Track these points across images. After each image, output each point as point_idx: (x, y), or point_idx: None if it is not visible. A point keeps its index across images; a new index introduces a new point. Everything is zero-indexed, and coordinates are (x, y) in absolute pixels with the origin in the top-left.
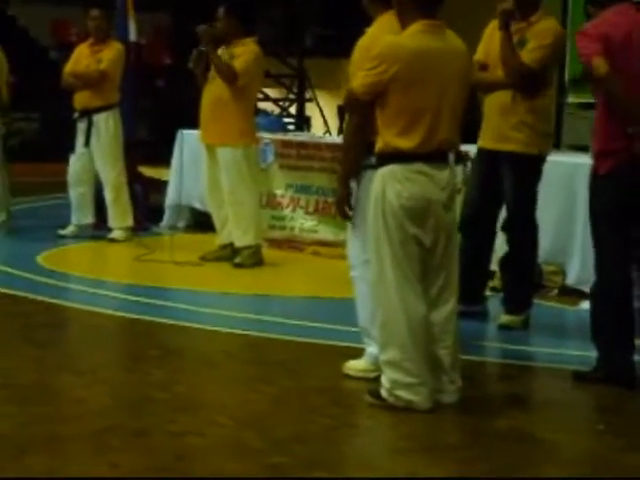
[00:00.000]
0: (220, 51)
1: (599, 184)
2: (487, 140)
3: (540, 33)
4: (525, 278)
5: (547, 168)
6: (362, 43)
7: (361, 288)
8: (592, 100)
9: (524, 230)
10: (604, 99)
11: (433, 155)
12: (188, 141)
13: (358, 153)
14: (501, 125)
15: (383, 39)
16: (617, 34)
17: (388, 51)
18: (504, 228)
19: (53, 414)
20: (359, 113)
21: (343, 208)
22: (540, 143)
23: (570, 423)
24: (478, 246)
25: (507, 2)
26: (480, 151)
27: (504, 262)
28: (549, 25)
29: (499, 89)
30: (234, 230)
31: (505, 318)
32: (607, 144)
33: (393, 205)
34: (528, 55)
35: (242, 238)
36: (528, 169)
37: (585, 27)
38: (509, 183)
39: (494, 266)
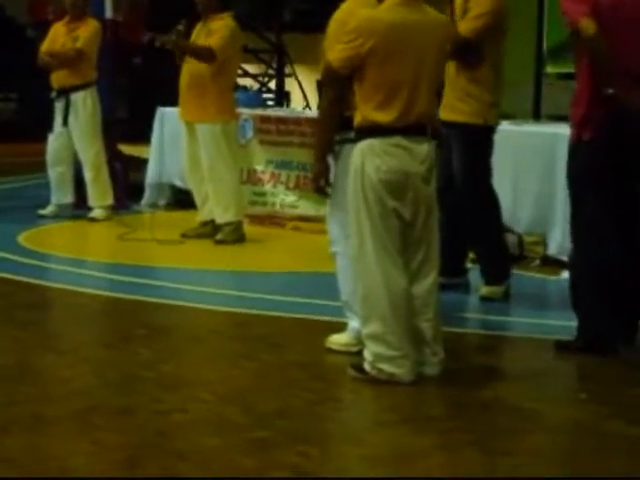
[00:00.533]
0: (197, 28)
1: (584, 149)
2: (441, 111)
3: (479, 2)
4: (495, 249)
5: (527, 138)
6: (338, 16)
7: (342, 263)
8: (571, 70)
9: (478, 203)
10: (588, 62)
11: (411, 128)
12: (168, 119)
13: (334, 127)
14: (449, 96)
15: (359, 12)
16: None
17: (365, 25)
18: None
19: (36, 394)
20: (336, 87)
21: (319, 183)
22: (486, 113)
23: (553, 393)
24: (455, 218)
25: None
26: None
27: (469, 235)
28: None
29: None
30: (215, 207)
31: (485, 289)
32: (591, 109)
33: (372, 179)
34: (465, 25)
35: (223, 215)
36: (473, 139)
37: None
38: (456, 154)
39: None
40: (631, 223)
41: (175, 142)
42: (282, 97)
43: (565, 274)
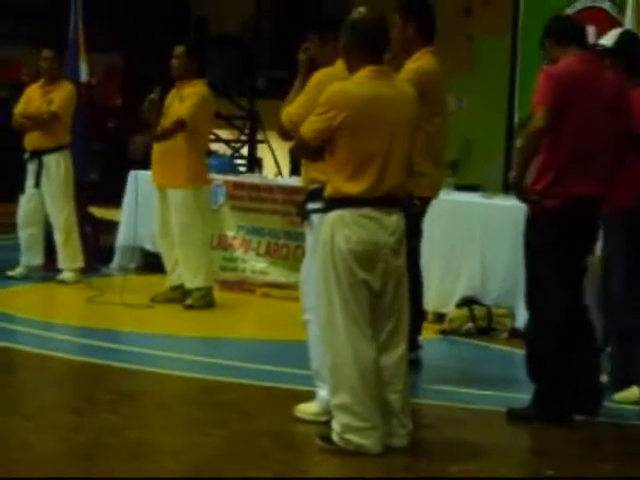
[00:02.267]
0: (172, 93)
1: (545, 224)
2: None
3: (405, 70)
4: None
5: (496, 211)
6: (326, 71)
7: (314, 331)
8: None
9: None
10: (546, 144)
11: (381, 200)
12: (141, 182)
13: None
14: None
15: (331, 85)
16: (579, 85)
17: (337, 97)
18: None
19: (0, 458)
20: (309, 157)
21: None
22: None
23: (519, 468)
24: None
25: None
26: None
27: None
28: (412, 66)
29: None
30: (184, 272)
31: None
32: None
33: (342, 250)
34: None
35: (193, 280)
36: None
37: (554, 68)
38: None
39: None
40: (578, 297)
41: (147, 205)
42: (254, 163)
43: None
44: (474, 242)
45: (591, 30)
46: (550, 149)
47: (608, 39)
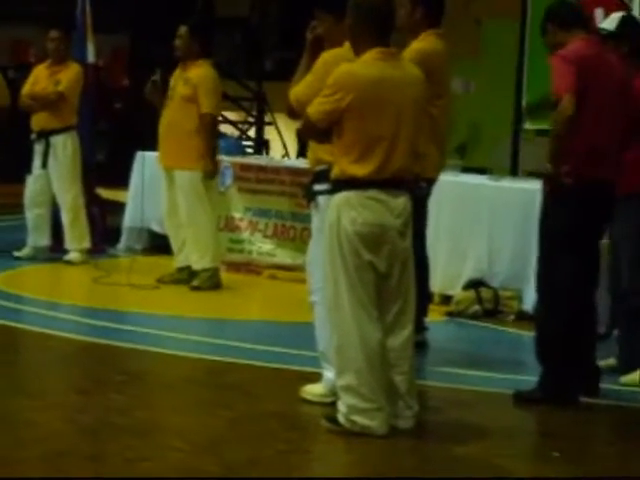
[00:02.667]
0: (176, 74)
1: (564, 208)
2: None
3: (408, 50)
4: None
5: (504, 194)
6: (334, 52)
7: (321, 313)
8: (548, 127)
9: None
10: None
11: (388, 182)
12: (148, 163)
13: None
14: None
15: (339, 67)
16: (592, 69)
17: (344, 79)
18: None
19: (4, 438)
20: (315, 138)
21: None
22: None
23: (525, 450)
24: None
25: None
26: None
27: None
28: (415, 46)
29: None
30: (191, 253)
31: None
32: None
33: (348, 231)
34: None
35: (199, 261)
36: None
37: (566, 52)
38: None
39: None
40: (591, 281)
41: (154, 187)
42: (261, 145)
43: None
44: (481, 224)
45: (599, 12)
46: (570, 133)
47: (610, 23)
